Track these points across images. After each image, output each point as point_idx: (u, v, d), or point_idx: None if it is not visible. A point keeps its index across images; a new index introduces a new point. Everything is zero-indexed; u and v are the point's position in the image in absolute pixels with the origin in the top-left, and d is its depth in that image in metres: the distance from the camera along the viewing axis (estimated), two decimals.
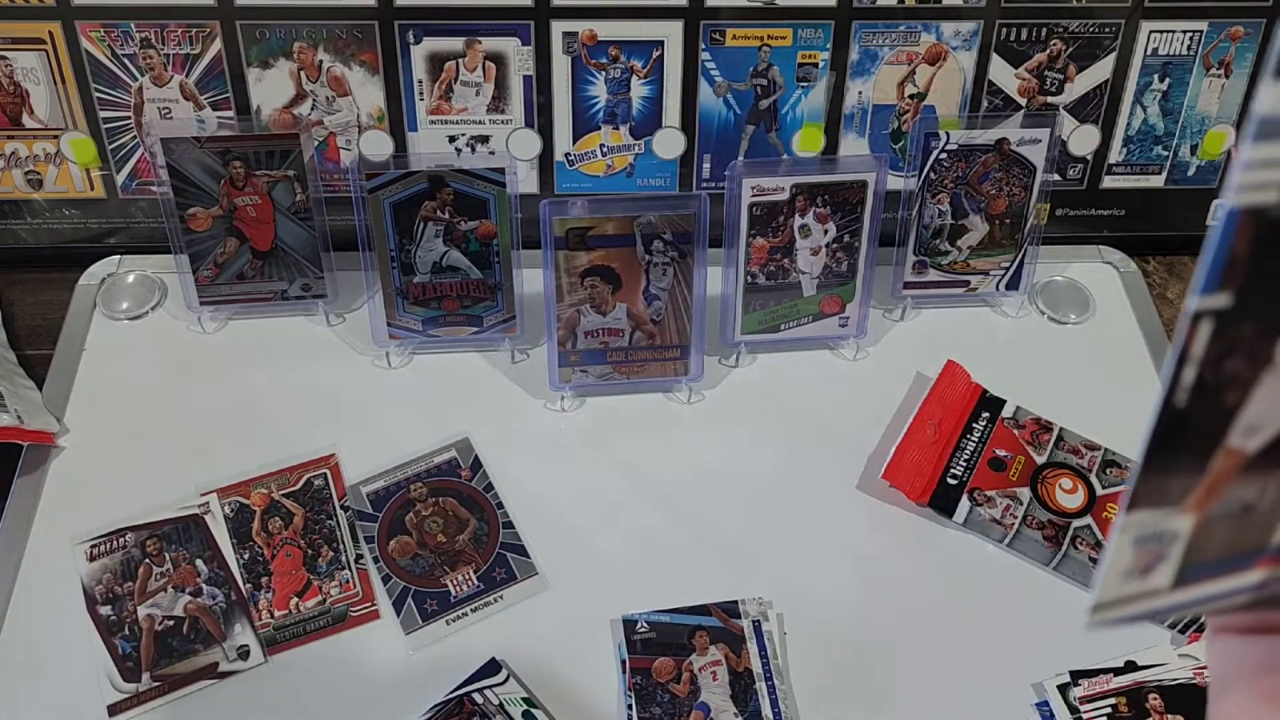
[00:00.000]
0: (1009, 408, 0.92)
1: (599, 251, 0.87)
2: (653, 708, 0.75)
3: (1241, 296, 0.27)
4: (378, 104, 0.98)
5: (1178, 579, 0.30)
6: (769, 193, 0.90)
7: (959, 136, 0.94)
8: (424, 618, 0.80)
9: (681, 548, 0.85)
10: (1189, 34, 0.99)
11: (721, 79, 0.98)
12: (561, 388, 0.93)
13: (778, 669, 0.78)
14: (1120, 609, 0.30)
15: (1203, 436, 0.28)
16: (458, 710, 0.75)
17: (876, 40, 0.98)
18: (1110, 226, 1.08)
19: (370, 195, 0.88)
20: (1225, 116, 1.03)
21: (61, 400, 0.92)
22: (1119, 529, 0.29)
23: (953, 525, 0.87)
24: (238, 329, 0.98)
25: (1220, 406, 0.28)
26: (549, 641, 0.80)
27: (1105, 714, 0.76)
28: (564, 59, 0.97)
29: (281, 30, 0.94)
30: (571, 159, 1.01)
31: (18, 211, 1.01)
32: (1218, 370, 0.27)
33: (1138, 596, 0.30)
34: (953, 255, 0.99)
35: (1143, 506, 0.29)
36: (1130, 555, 0.29)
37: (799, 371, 0.97)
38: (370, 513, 0.86)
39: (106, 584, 0.81)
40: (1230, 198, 0.26)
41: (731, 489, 0.88)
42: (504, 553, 0.84)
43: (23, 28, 0.93)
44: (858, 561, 0.85)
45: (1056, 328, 1.01)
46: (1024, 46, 0.99)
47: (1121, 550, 0.29)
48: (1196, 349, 0.27)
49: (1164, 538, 0.29)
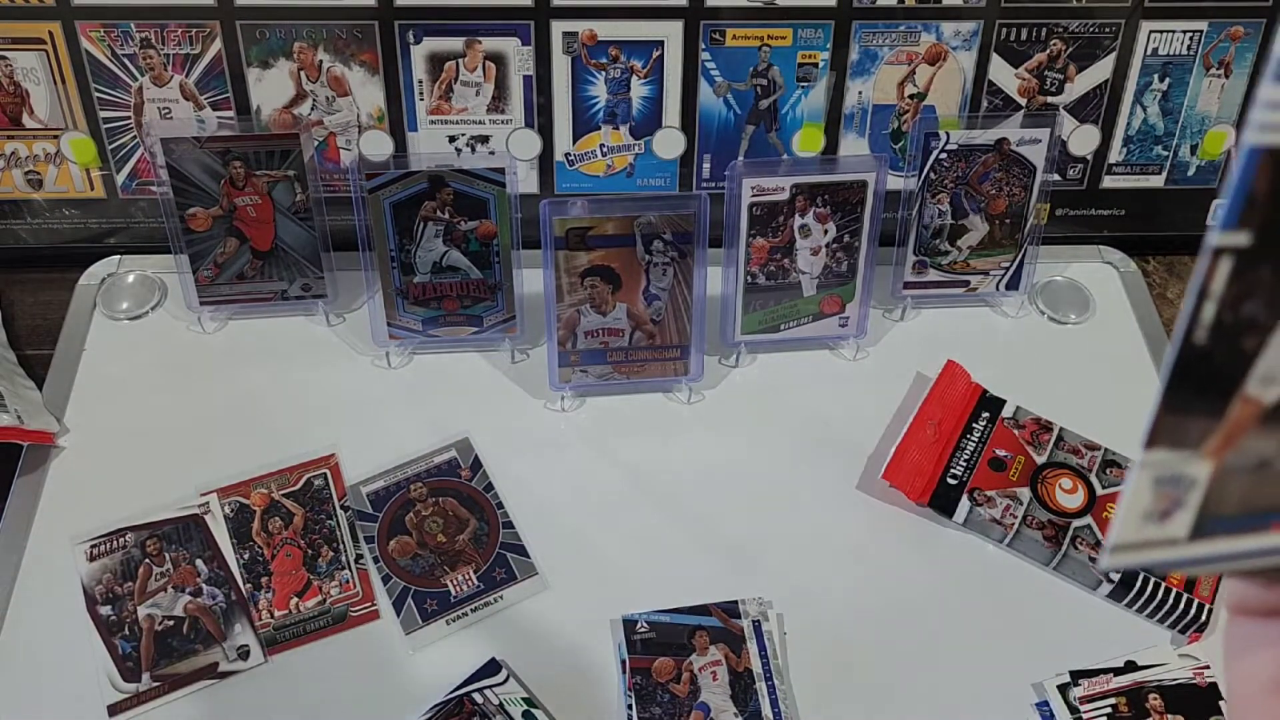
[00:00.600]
0: (1009, 408, 0.92)
1: (599, 251, 0.87)
2: (653, 708, 0.75)
3: (1261, 237, 0.26)
4: (378, 104, 0.98)
5: (1195, 529, 0.30)
6: (769, 193, 0.90)
7: (959, 136, 0.94)
8: (424, 618, 0.80)
9: (681, 548, 0.85)
10: (1189, 34, 0.99)
11: (721, 79, 0.98)
12: (561, 388, 0.93)
13: (778, 669, 0.78)
14: (1138, 553, 0.30)
15: (1220, 378, 0.28)
16: (458, 710, 0.75)
17: (876, 40, 0.98)
18: (1110, 226, 1.08)
19: (370, 195, 0.88)
20: (1225, 116, 1.03)
21: (61, 400, 0.92)
22: (1138, 466, 0.29)
23: (953, 525, 0.87)
24: (238, 329, 0.98)
25: (1238, 350, 0.27)
26: (549, 641, 0.80)
27: (1105, 714, 0.76)
28: (564, 59, 0.97)
29: (281, 30, 0.94)
30: (571, 159, 1.01)
31: (18, 211, 1.01)
32: (1236, 312, 0.27)
33: (1155, 543, 0.30)
34: (953, 255, 0.99)
35: (1161, 445, 0.28)
36: (1149, 496, 0.29)
37: (799, 371, 0.97)
38: (370, 513, 0.86)
39: (106, 584, 0.81)
40: (1251, 135, 0.25)
41: (731, 489, 0.88)
42: (504, 553, 0.84)
43: (23, 28, 0.93)
44: (858, 561, 0.85)
45: (1056, 328, 1.01)
46: (1024, 46, 0.99)
47: (1140, 490, 0.29)
48: (1216, 286, 0.27)
49: (1182, 482, 0.29)
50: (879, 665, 0.80)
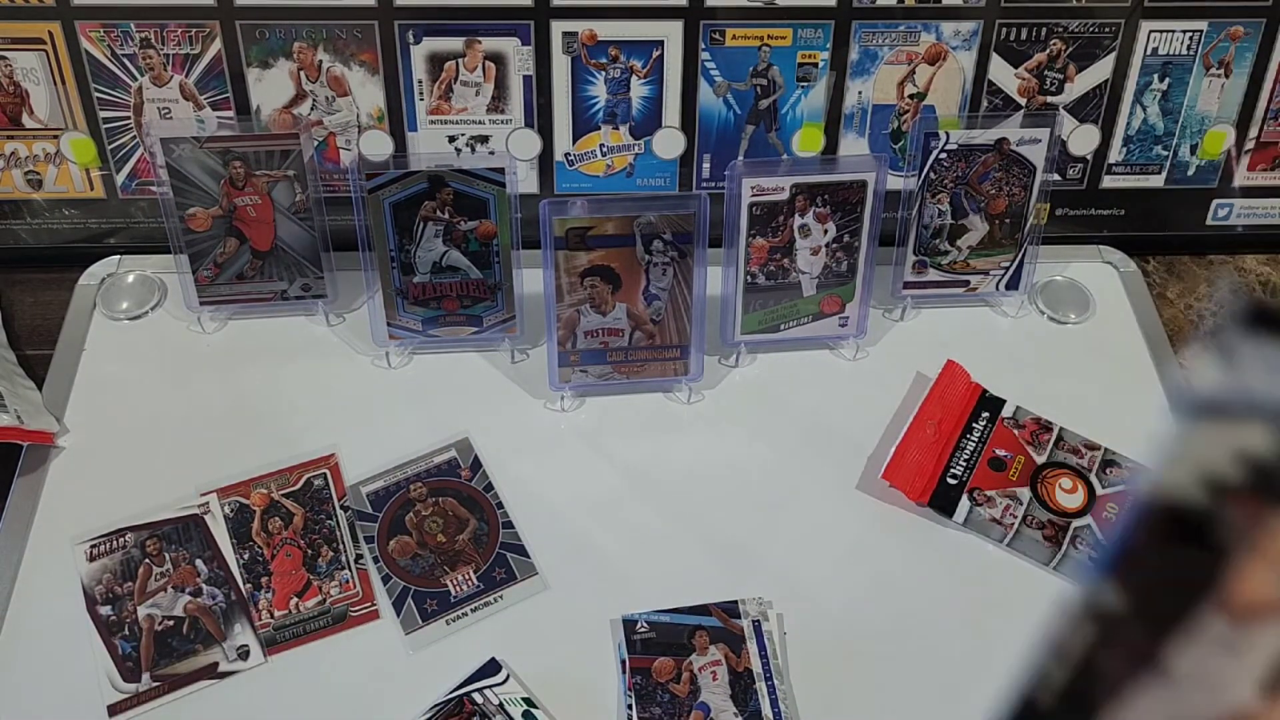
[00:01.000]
0: (1009, 407, 0.92)
1: (599, 251, 0.87)
2: (653, 708, 0.75)
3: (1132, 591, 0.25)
4: (378, 104, 0.98)
5: None
6: (769, 193, 0.90)
7: (959, 136, 0.94)
8: (424, 618, 0.80)
9: (681, 548, 0.85)
10: (1189, 34, 0.99)
11: (721, 79, 0.98)
12: (561, 388, 0.93)
13: (778, 669, 0.78)
14: None
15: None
16: (458, 710, 0.75)
17: (876, 40, 0.98)
18: (1110, 226, 1.08)
19: (370, 195, 0.88)
20: (1225, 116, 1.03)
21: (61, 400, 0.92)
22: None
23: (953, 525, 0.87)
24: (237, 329, 0.98)
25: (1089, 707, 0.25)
26: (549, 641, 0.80)
27: None
28: (564, 59, 0.97)
29: (281, 30, 0.94)
30: (571, 159, 1.01)
31: (18, 211, 1.01)
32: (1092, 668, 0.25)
33: None
34: (953, 255, 0.99)
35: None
36: None
37: (799, 371, 0.97)
38: (370, 513, 0.86)
39: (106, 584, 0.81)
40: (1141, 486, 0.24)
41: (732, 489, 0.88)
42: (504, 553, 0.84)
43: (23, 28, 0.93)
44: (857, 561, 0.85)
45: (1056, 328, 1.01)
46: (1024, 46, 0.99)
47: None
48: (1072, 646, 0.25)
49: None
50: (879, 665, 0.80)
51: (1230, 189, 1.07)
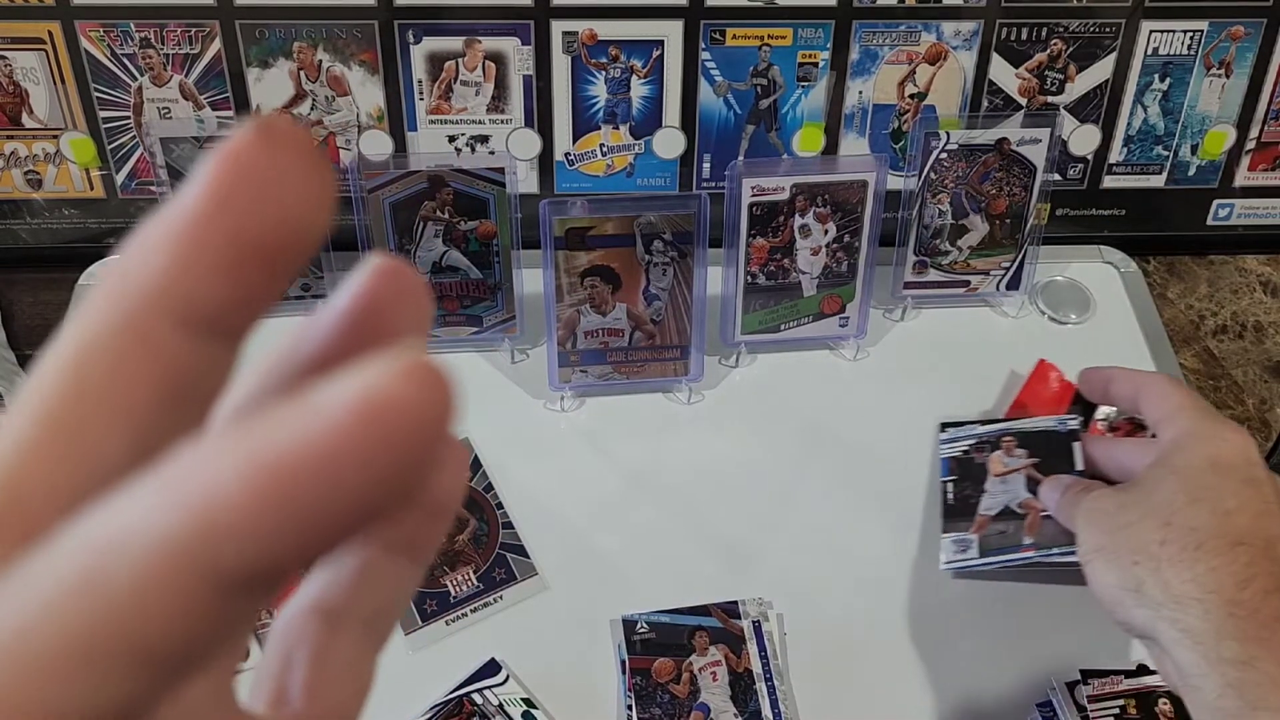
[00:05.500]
0: (1102, 409, 0.87)
1: (599, 251, 0.87)
2: (653, 708, 0.75)
3: None
4: (377, 104, 0.98)
5: None
6: (769, 193, 0.90)
7: (959, 136, 0.94)
8: (424, 618, 0.80)
9: (681, 548, 0.85)
10: (1189, 34, 0.99)
11: (721, 79, 0.98)
12: (561, 388, 0.93)
13: (778, 669, 0.78)
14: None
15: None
16: (457, 710, 0.74)
17: (876, 40, 0.97)
18: (1110, 226, 1.08)
19: (370, 195, 0.88)
20: (1226, 116, 1.03)
21: None
22: None
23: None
24: None
25: None
26: (549, 641, 0.80)
27: (1113, 714, 0.76)
28: (564, 59, 0.97)
29: (281, 30, 0.94)
30: (571, 159, 1.01)
31: (17, 211, 1.01)
32: None
33: None
34: (953, 255, 0.98)
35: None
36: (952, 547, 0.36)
37: (799, 371, 0.97)
38: None
39: None
40: None
41: (731, 489, 0.88)
42: (504, 553, 0.84)
43: (23, 28, 0.93)
44: (858, 562, 0.85)
45: (1057, 328, 1.01)
46: (1024, 46, 0.99)
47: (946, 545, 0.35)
48: None
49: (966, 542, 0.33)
50: (879, 665, 0.80)
51: (1231, 189, 1.07)
